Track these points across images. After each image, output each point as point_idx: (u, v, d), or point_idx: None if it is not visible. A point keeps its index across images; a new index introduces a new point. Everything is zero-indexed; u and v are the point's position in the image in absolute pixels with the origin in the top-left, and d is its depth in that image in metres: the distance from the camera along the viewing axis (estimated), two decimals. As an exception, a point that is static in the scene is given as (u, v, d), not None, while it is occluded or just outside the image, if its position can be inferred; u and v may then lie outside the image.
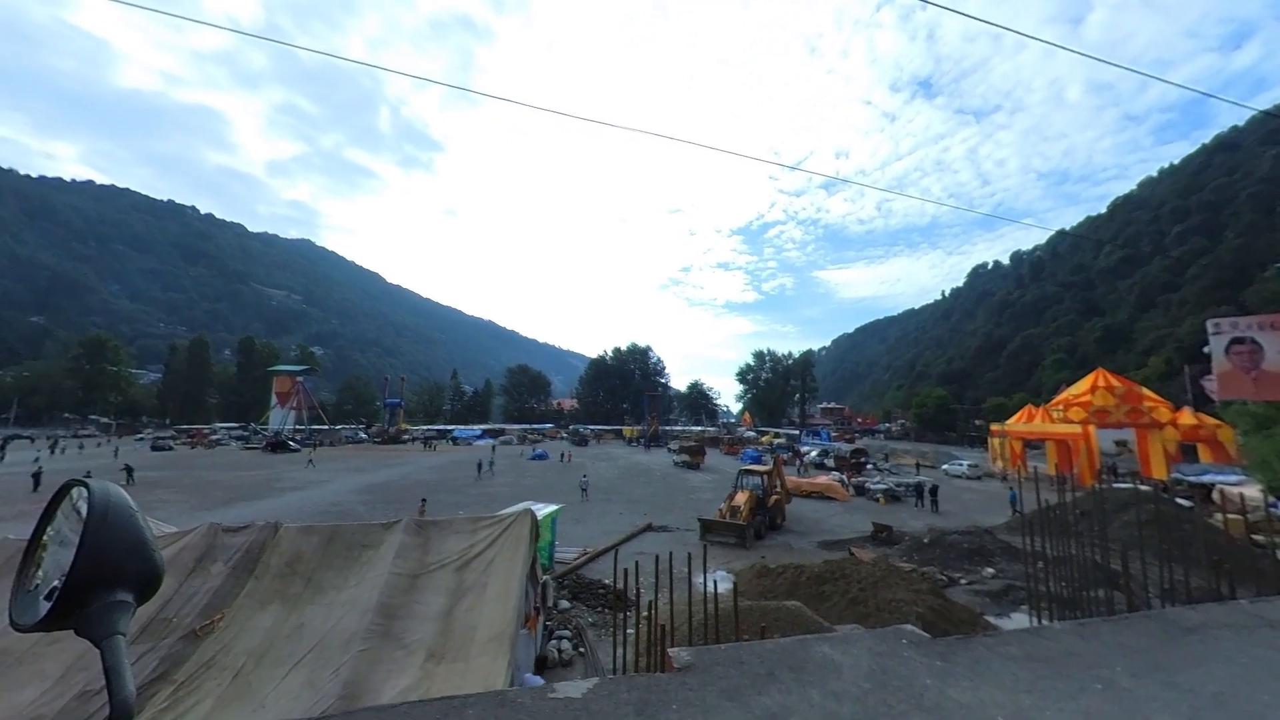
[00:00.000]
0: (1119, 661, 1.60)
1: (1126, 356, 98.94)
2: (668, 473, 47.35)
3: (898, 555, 19.57)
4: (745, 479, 25.97)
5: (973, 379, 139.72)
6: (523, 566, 6.98)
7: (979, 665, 1.50)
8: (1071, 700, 1.35)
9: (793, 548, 21.46)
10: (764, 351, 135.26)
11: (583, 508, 28.12)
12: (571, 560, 17.80)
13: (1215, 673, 1.58)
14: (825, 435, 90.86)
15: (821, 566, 14.32)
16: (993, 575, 17.34)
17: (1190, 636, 1.81)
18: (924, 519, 28.05)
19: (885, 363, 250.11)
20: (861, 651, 1.52)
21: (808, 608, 10.72)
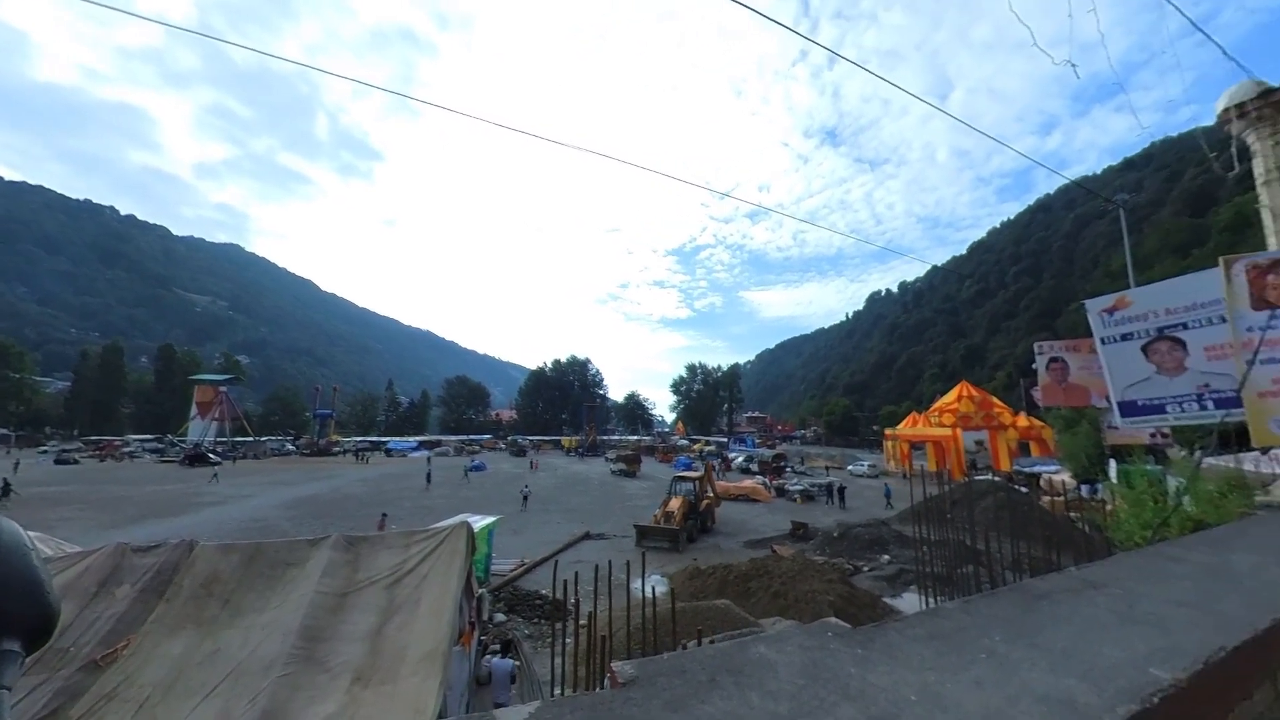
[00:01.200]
0: (996, 631, 1.67)
1: (982, 371, 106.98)
2: (605, 481, 45.32)
3: (813, 549, 19.97)
4: (678, 485, 25.47)
5: (871, 390, 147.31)
6: (458, 581, 6.28)
7: (892, 649, 1.52)
8: (965, 671, 1.40)
9: (722, 549, 21.15)
10: (696, 365, 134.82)
11: (521, 518, 26.56)
12: (508, 572, 16.67)
13: (1062, 631, 1.70)
14: (750, 442, 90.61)
15: (748, 565, 14.32)
16: (888, 561, 18.01)
17: (1041, 602, 1.92)
18: (834, 515, 28.53)
19: (801, 375, 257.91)
20: (794, 648, 1.49)
21: (736, 605, 10.76)
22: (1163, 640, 1.61)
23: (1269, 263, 3.97)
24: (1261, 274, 3.93)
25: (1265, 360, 3.87)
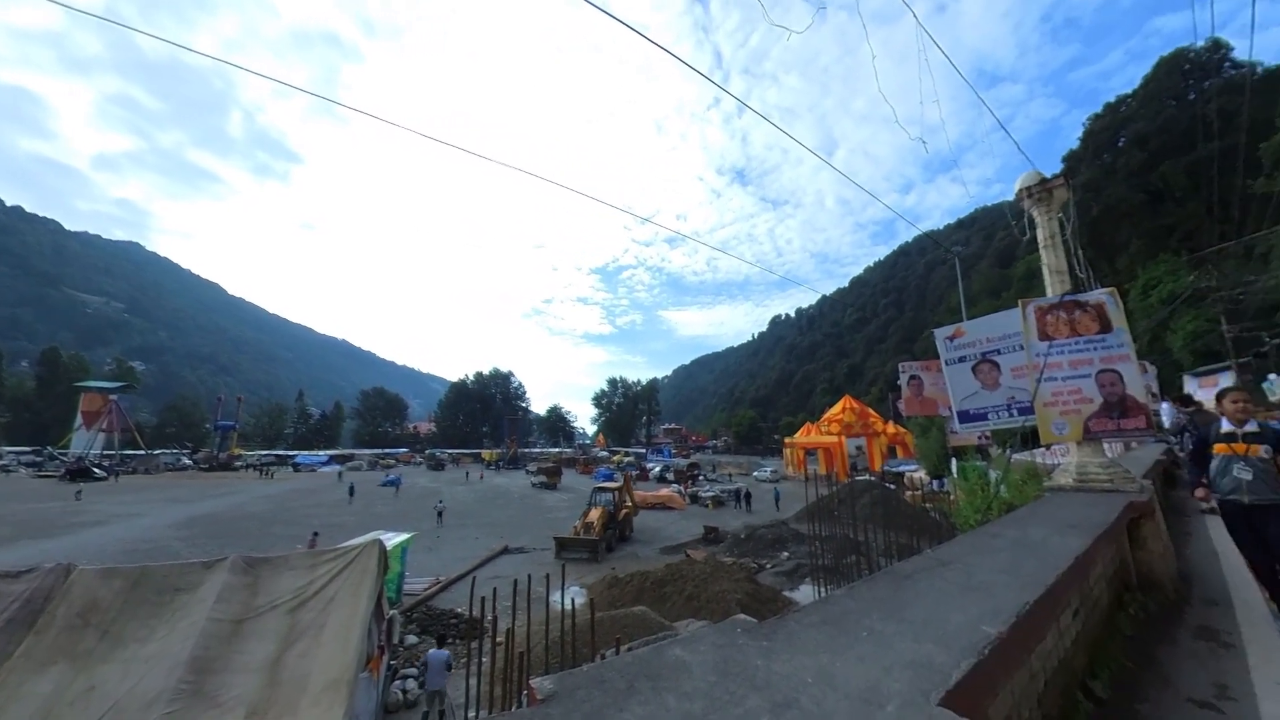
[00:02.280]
0: (874, 611, 1.78)
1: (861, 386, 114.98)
2: (526, 494, 42.59)
3: (723, 551, 19.99)
4: (598, 496, 24.52)
5: (773, 403, 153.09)
6: (367, 603, 5.64)
7: (793, 639, 1.54)
8: (851, 650, 1.48)
9: (639, 556, 20.56)
10: (617, 379, 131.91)
11: (437, 535, 24.29)
12: (422, 591, 15.21)
13: (922, 604, 1.85)
14: (667, 452, 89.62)
15: (663, 570, 14.06)
16: (787, 558, 18.43)
17: (907, 582, 2.09)
18: (742, 518, 28.62)
19: (713, 389, 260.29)
20: (707, 647, 1.47)
21: (652, 610, 10.56)
22: (990, 602, 1.86)
23: (1048, 305, 4.88)
24: (1043, 313, 4.82)
25: (1047, 379, 4.70)
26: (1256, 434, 3.55)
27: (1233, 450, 3.63)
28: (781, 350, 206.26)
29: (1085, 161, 56.47)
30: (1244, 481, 3.60)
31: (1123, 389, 4.52)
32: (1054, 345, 4.71)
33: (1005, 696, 1.81)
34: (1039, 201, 5.28)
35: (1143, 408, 4.51)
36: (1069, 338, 4.66)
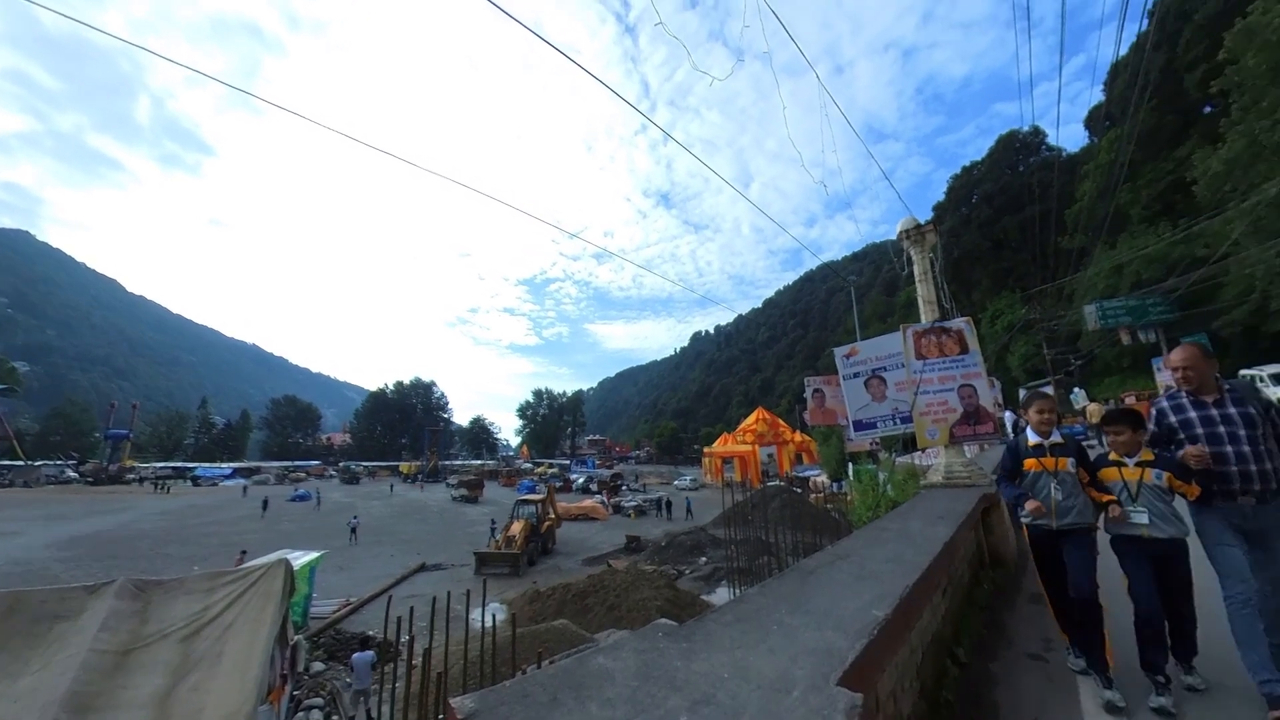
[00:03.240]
0: (783, 605, 1.83)
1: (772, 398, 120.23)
2: (445, 508, 39.39)
3: (644, 560, 19.53)
4: (521, 508, 23.14)
5: (693, 414, 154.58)
6: (270, 628, 5.00)
7: (711, 638, 1.54)
8: (763, 643, 1.52)
9: (561, 568, 19.64)
10: (542, 390, 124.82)
11: (350, 552, 22.03)
12: (331, 613, 13.64)
13: (824, 595, 1.94)
14: (591, 463, 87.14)
15: (585, 582, 13.45)
16: (705, 562, 18.33)
17: (810, 577, 2.18)
18: (663, 526, 28.18)
19: (637, 401, 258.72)
20: (629, 653, 1.44)
21: (574, 623, 10.10)
22: (880, 588, 1.98)
23: (922, 330, 5.45)
24: (919, 337, 5.37)
25: (921, 393, 5.24)
26: (1061, 445, 3.15)
27: (1043, 465, 3.12)
28: (702, 364, 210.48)
29: (949, 212, 63.71)
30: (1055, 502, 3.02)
31: (977, 400, 5.12)
32: (927, 364, 5.26)
33: (893, 670, 1.94)
34: (915, 243, 5.92)
35: (992, 416, 5.14)
36: (938, 357, 5.24)
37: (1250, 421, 2.80)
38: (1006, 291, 50.23)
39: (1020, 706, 2.68)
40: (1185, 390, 3.04)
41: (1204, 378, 2.96)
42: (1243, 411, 2.84)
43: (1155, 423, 3.17)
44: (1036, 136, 58.44)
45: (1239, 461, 2.75)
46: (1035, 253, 45.70)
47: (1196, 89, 33.73)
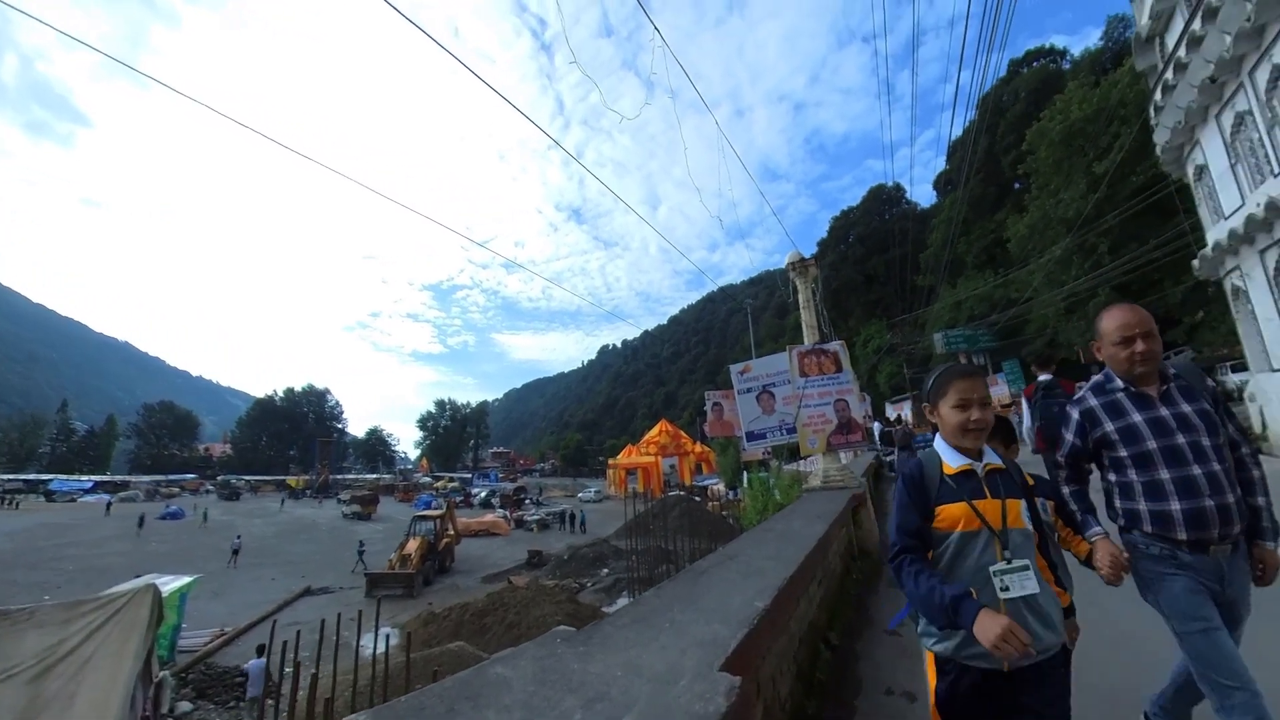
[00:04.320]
0: (676, 604, 1.89)
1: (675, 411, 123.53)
2: (336, 526, 36.15)
3: (546, 574, 19.06)
4: (418, 525, 21.75)
5: (599, 426, 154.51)
6: (132, 664, 4.42)
7: (608, 640, 1.56)
8: (655, 640, 1.56)
9: (459, 587, 18.58)
10: (445, 401, 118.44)
11: (228, 576, 19.77)
12: (203, 645, 12.04)
13: (714, 592, 2.03)
14: (494, 476, 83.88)
15: (484, 601, 12.80)
16: (607, 574, 18.15)
17: (702, 577, 2.28)
18: (566, 539, 27.73)
19: (543, 413, 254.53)
20: (527, 661, 1.43)
21: (471, 644, 9.64)
22: (762, 582, 2.11)
23: (805, 351, 6.05)
24: (802, 357, 5.96)
25: (804, 407, 5.81)
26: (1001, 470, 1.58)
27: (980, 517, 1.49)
28: (609, 377, 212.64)
29: (830, 248, 72.04)
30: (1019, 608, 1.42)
31: (850, 413, 5.78)
32: (809, 381, 5.85)
33: (772, 657, 2.09)
34: (800, 274, 6.58)
35: (861, 426, 5.80)
36: (818, 375, 5.85)
37: (1212, 426, 1.81)
38: (875, 320, 57.23)
39: (878, 677, 3.00)
40: (1123, 377, 1.92)
41: (1158, 355, 1.89)
42: (1199, 409, 1.83)
43: (1075, 432, 2.01)
44: (898, 191, 68.16)
45: (1213, 491, 1.73)
46: (898, 288, 52.86)
47: (1009, 169, 41.84)
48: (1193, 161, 13.83)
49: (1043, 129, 33.28)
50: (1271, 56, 9.98)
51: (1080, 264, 29.64)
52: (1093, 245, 28.77)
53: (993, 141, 43.53)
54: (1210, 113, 12.24)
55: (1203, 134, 12.81)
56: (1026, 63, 48.69)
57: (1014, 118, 42.29)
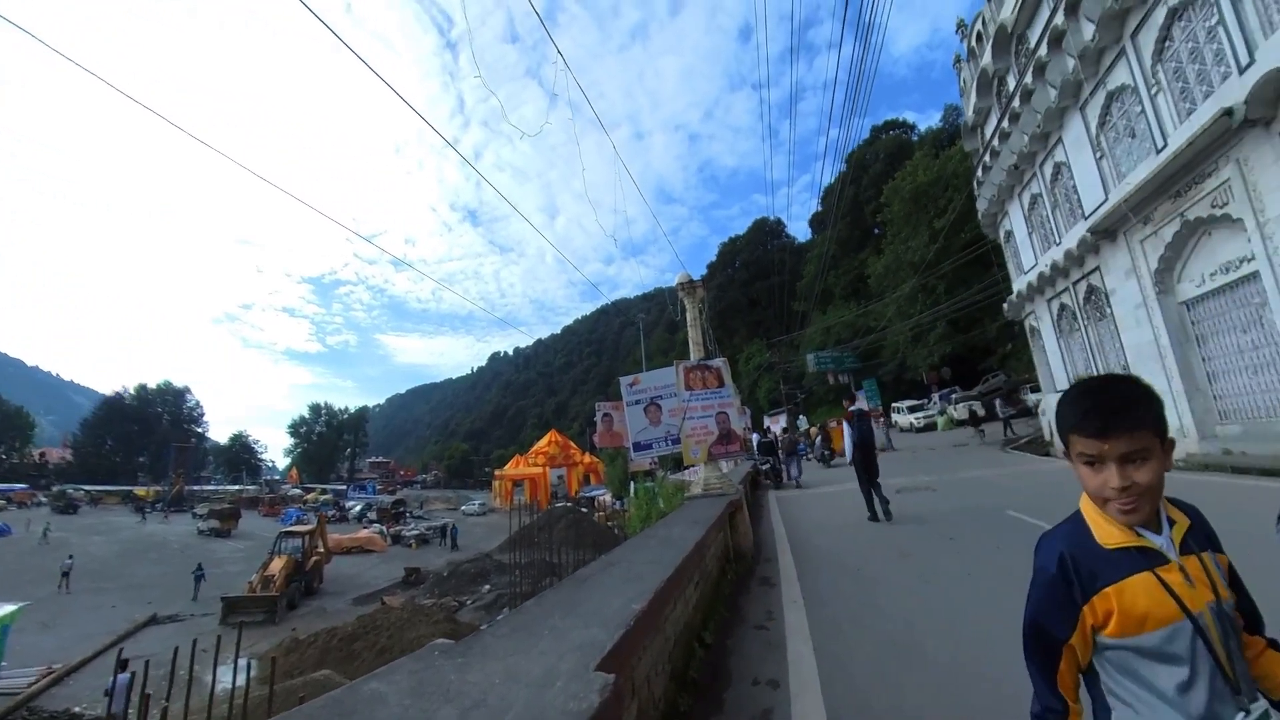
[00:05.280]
0: (557, 611, 1.95)
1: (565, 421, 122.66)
2: (190, 544, 32.01)
3: (423, 593, 18.19)
4: (284, 542, 19.97)
5: (487, 436, 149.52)
6: None
7: (487, 650, 1.58)
8: (535, 646, 1.59)
9: (327, 610, 17.40)
10: (321, 405, 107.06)
11: (58, 603, 17.32)
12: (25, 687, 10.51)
13: (594, 598, 2.11)
14: (371, 489, 76.13)
15: (354, 624, 12.01)
16: (489, 590, 17.61)
17: (584, 584, 2.40)
18: (447, 555, 26.86)
19: (428, 421, 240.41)
20: (403, 675, 1.41)
21: (339, 672, 9.00)
22: (641, 586, 2.25)
23: (690, 366, 6.53)
24: (687, 371, 6.40)
25: (688, 418, 6.23)
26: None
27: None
28: (499, 385, 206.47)
29: (718, 271, 78.33)
30: None
31: (729, 425, 6.30)
32: (693, 394, 6.28)
33: (648, 657, 2.20)
34: (688, 294, 7.07)
35: (740, 437, 6.34)
36: (701, 389, 6.30)
37: None
38: (757, 339, 62.63)
39: (746, 670, 3.27)
40: None
41: None
42: None
43: None
44: (779, 225, 77.62)
45: None
46: (778, 311, 58.68)
47: (870, 216, 49.42)
48: (1003, 227, 17.27)
49: (896, 187, 40.22)
50: (1054, 156, 12.92)
51: (924, 301, 35.50)
52: (933, 286, 34.64)
53: (858, 191, 51.46)
54: (1014, 192, 15.45)
55: (1009, 207, 16.10)
56: (885, 130, 58.91)
57: (875, 174, 50.52)
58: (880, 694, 2.75)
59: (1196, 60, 8.54)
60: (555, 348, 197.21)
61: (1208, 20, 8.12)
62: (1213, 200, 8.36)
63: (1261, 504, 5.97)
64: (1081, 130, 11.60)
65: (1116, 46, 10.01)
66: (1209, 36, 8.18)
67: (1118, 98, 10.49)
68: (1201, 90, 8.49)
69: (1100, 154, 11.19)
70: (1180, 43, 8.80)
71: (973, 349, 35.26)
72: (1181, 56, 8.82)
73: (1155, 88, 9.34)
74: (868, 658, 3.23)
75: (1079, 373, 13.44)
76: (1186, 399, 9.63)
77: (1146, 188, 9.32)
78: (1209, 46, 8.22)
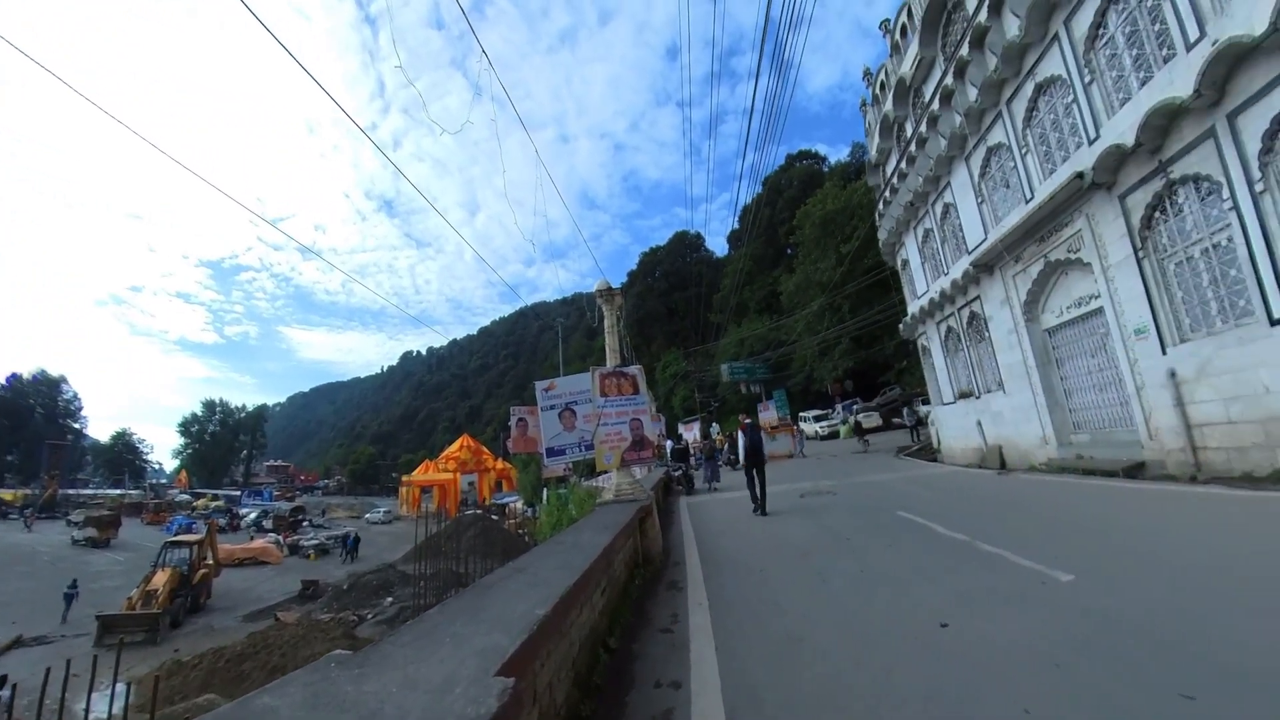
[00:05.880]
0: (460, 618, 1.94)
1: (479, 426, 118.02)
2: (62, 556, 28.94)
3: (321, 608, 17.06)
4: (170, 553, 18.64)
5: (395, 439, 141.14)
6: None
7: (386, 659, 1.55)
8: (435, 653, 1.59)
9: (215, 628, 16.25)
10: (216, 401, 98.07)
11: None
12: None
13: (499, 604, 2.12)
14: (267, 495, 70.91)
15: (244, 643, 11.38)
16: (392, 603, 16.76)
17: (489, 590, 2.40)
18: (348, 567, 25.32)
19: (333, 422, 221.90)
20: (297, 688, 1.37)
21: (224, 697, 8.36)
22: (546, 591, 2.30)
23: (606, 372, 6.70)
24: (603, 378, 6.58)
25: (602, 424, 6.37)
26: None
27: None
28: (410, 386, 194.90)
29: (639, 279, 79.87)
30: None
31: (643, 431, 6.49)
32: (608, 400, 6.41)
33: (551, 663, 2.22)
34: (606, 301, 7.22)
35: (652, 444, 6.56)
36: (616, 396, 6.45)
37: None
38: (675, 349, 64.59)
39: (650, 673, 3.32)
40: None
41: None
42: None
43: None
44: (699, 239, 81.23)
45: None
46: (695, 322, 61.05)
47: (784, 237, 53.26)
48: (900, 256, 19.24)
49: (807, 212, 43.93)
50: (944, 197, 14.66)
51: (830, 318, 38.71)
52: (839, 305, 37.90)
53: (773, 213, 55.56)
54: (910, 225, 17.29)
55: (906, 239, 17.99)
56: (800, 159, 64.51)
57: (789, 198, 54.84)
58: (777, 688, 2.91)
59: (1057, 129, 10.12)
60: (471, 349, 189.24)
61: (1065, 98, 9.68)
62: (1068, 246, 9.94)
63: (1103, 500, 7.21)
64: (966, 177, 13.25)
65: (995, 110, 11.60)
66: (1066, 111, 9.75)
67: (996, 153, 12.13)
68: (1060, 155, 10.05)
69: (981, 199, 12.84)
70: (1045, 113, 10.40)
71: (873, 364, 38.96)
72: (1046, 125, 10.42)
73: (1025, 149, 10.92)
74: (766, 655, 3.39)
75: (962, 388, 15.26)
76: (1048, 411, 11.25)
77: (1017, 231, 10.87)
78: (1066, 120, 9.79)
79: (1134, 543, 4.94)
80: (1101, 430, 10.27)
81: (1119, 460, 8.87)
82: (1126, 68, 8.31)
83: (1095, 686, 2.47)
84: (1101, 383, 10.12)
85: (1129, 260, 8.47)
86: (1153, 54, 7.77)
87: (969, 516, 6.86)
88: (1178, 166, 7.40)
